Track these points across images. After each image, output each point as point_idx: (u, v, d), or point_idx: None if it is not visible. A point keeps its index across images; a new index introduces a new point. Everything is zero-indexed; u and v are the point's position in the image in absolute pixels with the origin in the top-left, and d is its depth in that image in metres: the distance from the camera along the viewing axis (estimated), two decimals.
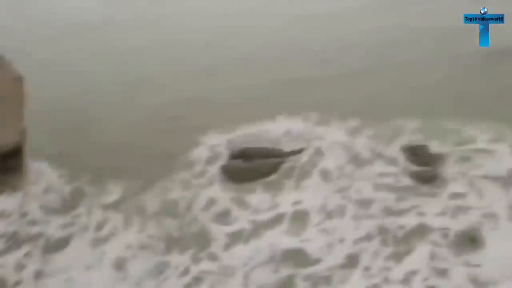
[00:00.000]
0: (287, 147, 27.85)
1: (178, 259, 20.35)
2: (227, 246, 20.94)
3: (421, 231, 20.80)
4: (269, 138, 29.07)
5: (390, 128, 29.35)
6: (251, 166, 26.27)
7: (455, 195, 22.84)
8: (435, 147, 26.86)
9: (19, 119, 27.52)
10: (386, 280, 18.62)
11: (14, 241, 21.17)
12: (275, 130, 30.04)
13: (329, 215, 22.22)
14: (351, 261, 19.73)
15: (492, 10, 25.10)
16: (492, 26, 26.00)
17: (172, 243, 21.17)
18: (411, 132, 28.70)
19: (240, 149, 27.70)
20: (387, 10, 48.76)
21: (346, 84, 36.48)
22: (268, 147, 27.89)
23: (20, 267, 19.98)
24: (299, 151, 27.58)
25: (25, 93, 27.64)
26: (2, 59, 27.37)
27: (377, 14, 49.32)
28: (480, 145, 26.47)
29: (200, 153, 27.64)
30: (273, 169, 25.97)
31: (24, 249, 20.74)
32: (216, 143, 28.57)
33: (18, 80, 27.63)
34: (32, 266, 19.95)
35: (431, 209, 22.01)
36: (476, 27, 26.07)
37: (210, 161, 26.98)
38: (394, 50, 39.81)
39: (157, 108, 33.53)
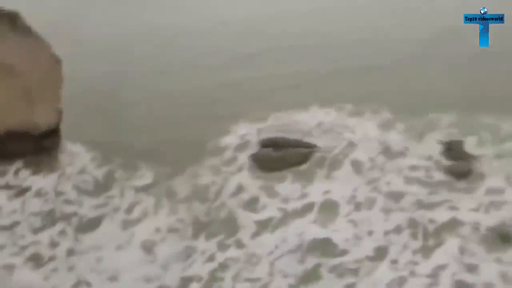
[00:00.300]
0: (318, 138, 28.00)
1: (205, 245, 20.82)
2: (255, 234, 21.29)
3: (453, 225, 20.82)
4: (301, 128, 29.31)
5: (424, 122, 29.40)
6: (281, 155, 26.38)
7: (491, 191, 22.59)
8: (471, 142, 26.82)
9: (56, 101, 28.36)
10: (413, 274, 18.70)
11: (50, 219, 22.11)
12: (307, 121, 30.36)
13: (358, 206, 22.45)
14: (379, 253, 19.99)
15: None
16: None
17: (200, 228, 21.63)
18: (446, 126, 28.75)
19: (271, 138, 27.90)
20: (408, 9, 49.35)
21: (379, 76, 36.72)
22: (299, 137, 27.96)
23: (54, 244, 20.93)
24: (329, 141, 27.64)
25: (63, 75, 28.70)
26: (42, 41, 28.24)
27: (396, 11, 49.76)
28: None
29: (231, 140, 28.00)
30: (304, 159, 26.09)
31: (58, 227, 21.67)
32: (247, 131, 28.94)
33: (56, 62, 28.68)
34: (65, 244, 20.84)
35: (465, 204, 21.91)
36: None
37: (240, 148, 27.34)
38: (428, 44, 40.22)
39: (192, 93, 34.40)
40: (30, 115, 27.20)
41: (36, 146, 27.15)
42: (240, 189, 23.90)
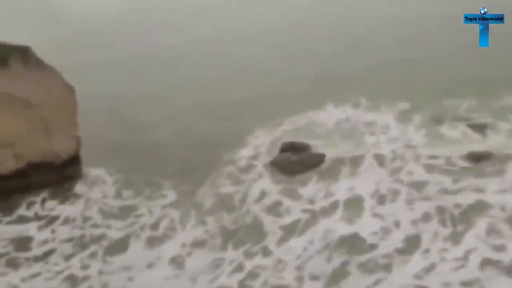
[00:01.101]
0: (337, 137, 29.00)
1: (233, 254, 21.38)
2: (281, 239, 21.77)
3: (481, 207, 21.39)
4: (318, 129, 30.24)
5: (442, 108, 30.06)
6: (300, 158, 27.15)
7: None
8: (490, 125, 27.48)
9: (73, 128, 29.34)
10: (443, 260, 19.28)
11: (80, 244, 23.22)
12: (325, 120, 31.19)
13: (382, 199, 23.08)
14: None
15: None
16: None
17: (228, 237, 22.29)
18: (466, 111, 29.40)
19: (289, 142, 28.70)
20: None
21: (389, 70, 37.64)
22: (315, 138, 28.78)
23: (85, 266, 21.75)
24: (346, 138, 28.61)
25: (76, 102, 29.68)
26: (54, 71, 29.27)
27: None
28: None
29: (249, 149, 28.89)
30: (322, 159, 26.79)
31: (90, 250, 22.67)
32: (264, 139, 29.86)
33: (69, 90, 29.72)
34: (96, 265, 21.63)
35: (489, 187, 22.53)
36: None
37: (259, 155, 28.23)
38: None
39: (207, 108, 35.38)
40: (49, 145, 28.17)
41: (59, 175, 28.13)
42: (263, 194, 24.66)
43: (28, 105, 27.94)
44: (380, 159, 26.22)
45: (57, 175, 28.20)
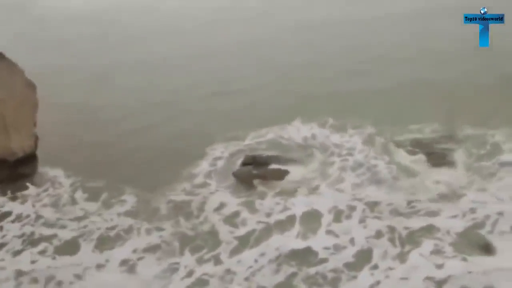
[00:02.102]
0: (299, 154, 29.87)
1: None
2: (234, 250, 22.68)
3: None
4: (282, 144, 31.20)
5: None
6: (261, 172, 27.95)
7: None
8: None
9: (32, 126, 29.84)
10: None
11: (29, 241, 23.61)
12: (289, 136, 32.19)
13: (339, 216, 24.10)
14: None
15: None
16: None
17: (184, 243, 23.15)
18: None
19: (251, 155, 29.55)
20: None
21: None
22: (278, 154, 29.74)
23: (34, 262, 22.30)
24: (308, 157, 29.54)
25: (37, 99, 30.27)
26: (15, 66, 29.78)
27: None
28: None
29: (208, 161, 29.72)
30: (284, 174, 27.72)
31: (39, 247, 23.14)
32: (224, 151, 30.74)
33: (30, 87, 30.38)
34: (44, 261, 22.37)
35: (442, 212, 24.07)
36: None
37: (220, 168, 29.17)
38: None
39: (168, 117, 36.15)
40: (5, 141, 28.50)
41: (12, 172, 28.47)
42: (221, 205, 25.52)
43: None
44: (340, 179, 27.24)
45: (9, 172, 28.45)
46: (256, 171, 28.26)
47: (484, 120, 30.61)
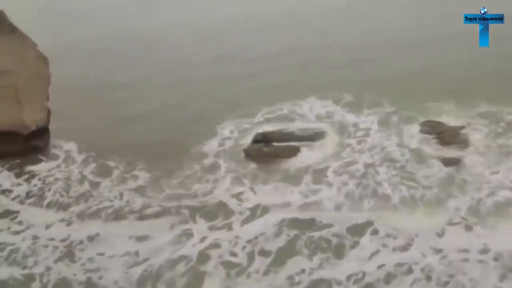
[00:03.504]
0: (312, 131, 29.95)
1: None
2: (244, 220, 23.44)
3: None
4: (294, 121, 31.48)
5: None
6: (272, 150, 28.25)
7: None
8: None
9: (44, 99, 30.41)
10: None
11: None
12: (302, 112, 32.53)
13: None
14: None
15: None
16: None
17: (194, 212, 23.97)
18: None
19: (263, 132, 29.74)
20: None
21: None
22: (291, 131, 30.00)
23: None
24: (321, 135, 29.68)
25: (50, 73, 30.56)
26: (28, 39, 29.95)
27: None
28: None
29: (221, 137, 30.37)
30: (295, 152, 27.98)
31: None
32: (236, 127, 31.30)
33: (43, 60, 30.62)
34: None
35: None
36: None
37: (230, 145, 29.61)
38: None
39: (182, 90, 37.01)
40: (18, 114, 29.16)
41: (25, 146, 29.18)
42: (233, 181, 26.25)
43: (0, 71, 28.81)
44: (351, 163, 27.13)
45: (23, 145, 29.19)
46: (267, 148, 28.51)
47: (499, 99, 30.84)
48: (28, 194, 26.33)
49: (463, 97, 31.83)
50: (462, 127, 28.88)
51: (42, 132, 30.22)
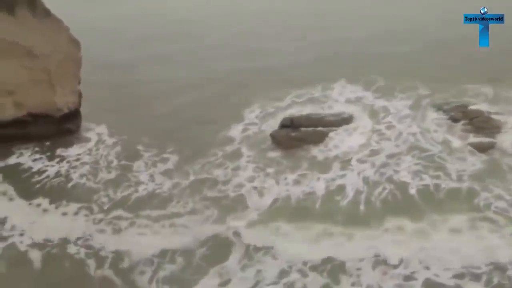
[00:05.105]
0: (341, 117, 30.20)
1: None
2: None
3: None
4: (323, 106, 31.93)
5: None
6: (300, 135, 28.42)
7: None
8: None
9: (76, 83, 31.41)
10: None
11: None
12: (332, 97, 33.03)
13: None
14: None
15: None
16: None
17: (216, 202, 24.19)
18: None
19: (290, 117, 30.10)
20: None
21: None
22: (319, 116, 30.33)
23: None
24: (348, 120, 29.85)
25: (81, 56, 31.46)
26: (60, 23, 30.88)
27: None
28: None
29: (249, 120, 31.14)
30: (322, 137, 28.14)
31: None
32: (263, 111, 31.93)
33: (75, 43, 31.51)
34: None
35: None
36: None
37: (258, 129, 30.16)
38: None
39: (209, 78, 38.04)
40: (50, 97, 30.26)
41: (58, 128, 30.38)
42: (258, 168, 26.52)
43: (33, 54, 29.99)
44: (378, 152, 27.07)
45: (56, 128, 30.37)
46: (294, 134, 28.64)
47: None
48: (57, 174, 27.31)
49: (501, 84, 31.65)
50: (497, 113, 28.78)
51: (74, 115, 31.27)
